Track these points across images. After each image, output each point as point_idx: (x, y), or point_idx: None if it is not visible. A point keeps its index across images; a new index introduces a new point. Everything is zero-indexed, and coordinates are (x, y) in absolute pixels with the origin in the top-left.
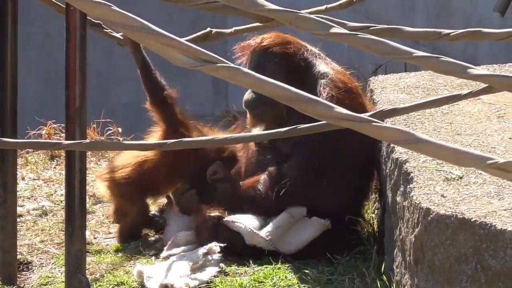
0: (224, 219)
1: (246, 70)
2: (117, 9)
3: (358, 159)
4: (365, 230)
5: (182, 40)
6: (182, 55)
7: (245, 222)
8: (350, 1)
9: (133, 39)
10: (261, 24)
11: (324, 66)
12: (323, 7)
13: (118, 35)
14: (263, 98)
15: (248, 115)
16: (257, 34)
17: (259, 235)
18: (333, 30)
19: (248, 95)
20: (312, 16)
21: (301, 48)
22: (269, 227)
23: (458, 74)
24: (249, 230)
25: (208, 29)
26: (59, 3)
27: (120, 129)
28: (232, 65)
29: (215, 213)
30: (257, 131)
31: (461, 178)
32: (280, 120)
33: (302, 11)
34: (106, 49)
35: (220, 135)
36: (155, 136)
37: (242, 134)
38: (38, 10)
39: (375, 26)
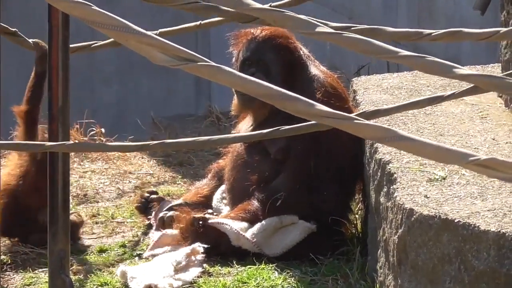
0: (210, 221)
1: (228, 68)
2: (97, 8)
3: (345, 161)
4: (349, 231)
5: (162, 39)
6: (162, 53)
7: (231, 223)
8: None
9: (114, 38)
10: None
11: (315, 68)
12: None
13: (30, 41)
14: None
15: (235, 99)
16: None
17: (245, 236)
18: (318, 29)
19: None
20: (297, 15)
21: (298, 46)
22: (255, 229)
23: (444, 74)
24: (235, 231)
25: None
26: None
27: (103, 130)
28: (213, 63)
29: (199, 214)
30: (243, 123)
31: (444, 178)
32: (269, 108)
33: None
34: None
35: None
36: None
37: (224, 136)
38: (21, 9)
39: (357, 26)
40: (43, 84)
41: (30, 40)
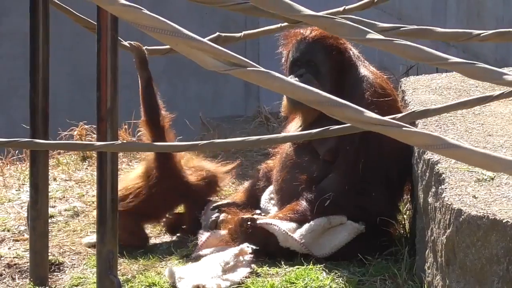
0: (258, 221)
1: (277, 74)
2: (147, 12)
3: (394, 161)
4: (397, 231)
5: (213, 44)
6: (212, 58)
7: (280, 224)
8: (371, 1)
9: (164, 42)
10: (274, 27)
11: (364, 69)
12: (341, 8)
13: (127, 43)
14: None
15: (285, 100)
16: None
17: (293, 237)
18: (369, 36)
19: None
20: (348, 22)
21: (348, 47)
22: (303, 230)
23: (494, 81)
24: (283, 232)
25: (217, 33)
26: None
27: None
28: (262, 69)
29: (248, 214)
30: (292, 124)
31: (492, 179)
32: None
33: (337, 17)
34: None
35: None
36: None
37: (273, 136)
38: (70, 7)
39: (406, 27)
40: (154, 89)
41: (127, 42)
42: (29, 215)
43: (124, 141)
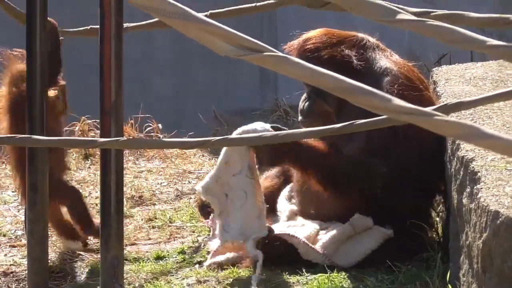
0: (276, 232)
1: (296, 59)
2: None
3: (425, 159)
4: (429, 235)
5: (226, 27)
6: (225, 43)
7: (299, 234)
8: None
9: (172, 27)
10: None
11: (386, 60)
12: None
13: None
14: (314, 109)
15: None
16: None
17: (315, 249)
18: (400, 16)
19: (301, 103)
20: (376, 1)
21: (356, 44)
22: (325, 239)
23: None
24: (303, 242)
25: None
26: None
27: (160, 125)
28: (280, 54)
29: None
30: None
31: None
32: None
33: None
34: (143, 37)
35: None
36: None
37: (293, 131)
38: None
39: (436, 12)
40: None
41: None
42: (27, 218)
43: (130, 138)
